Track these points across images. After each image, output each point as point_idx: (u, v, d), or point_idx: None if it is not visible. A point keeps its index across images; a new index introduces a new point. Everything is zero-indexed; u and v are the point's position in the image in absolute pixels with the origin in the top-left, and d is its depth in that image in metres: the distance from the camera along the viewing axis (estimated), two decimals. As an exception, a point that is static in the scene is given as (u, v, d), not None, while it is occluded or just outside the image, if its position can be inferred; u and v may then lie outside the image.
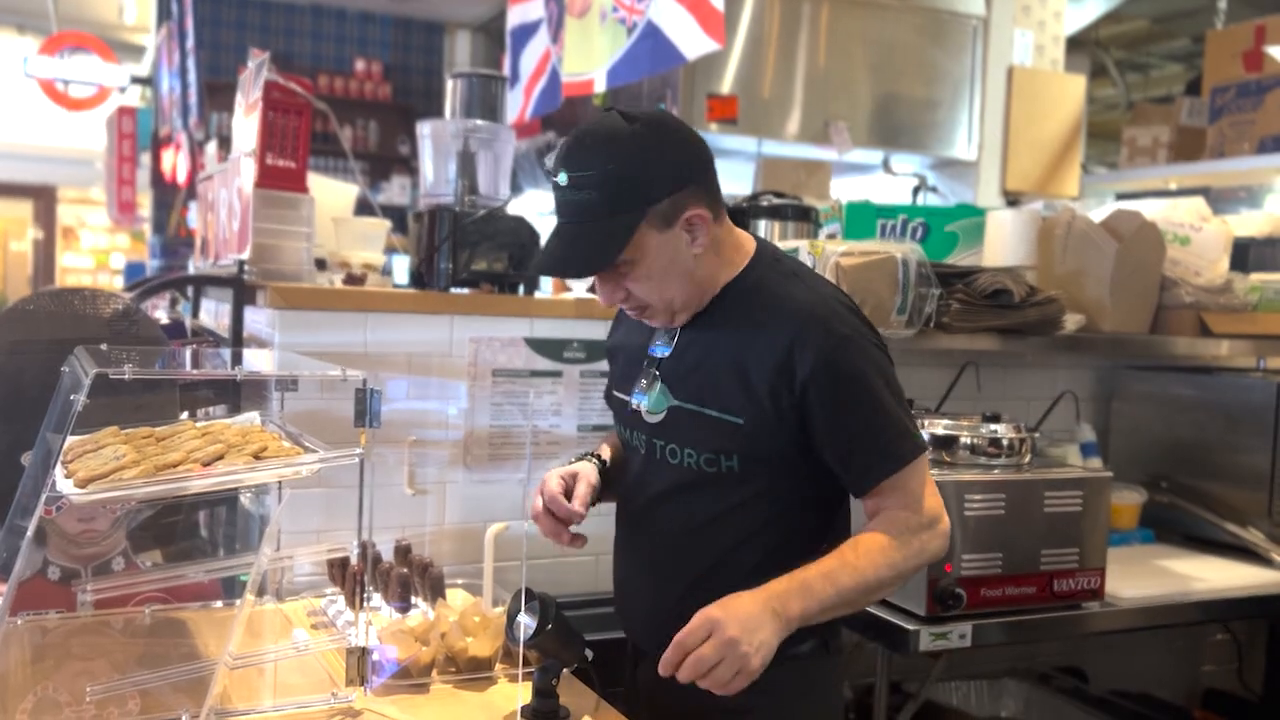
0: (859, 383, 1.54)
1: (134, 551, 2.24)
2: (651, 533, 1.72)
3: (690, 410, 1.62)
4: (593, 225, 1.51)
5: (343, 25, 7.45)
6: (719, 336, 1.61)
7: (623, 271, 1.55)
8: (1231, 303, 2.82)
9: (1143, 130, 5.23)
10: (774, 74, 4.94)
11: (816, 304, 1.58)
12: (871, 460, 1.56)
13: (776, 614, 1.43)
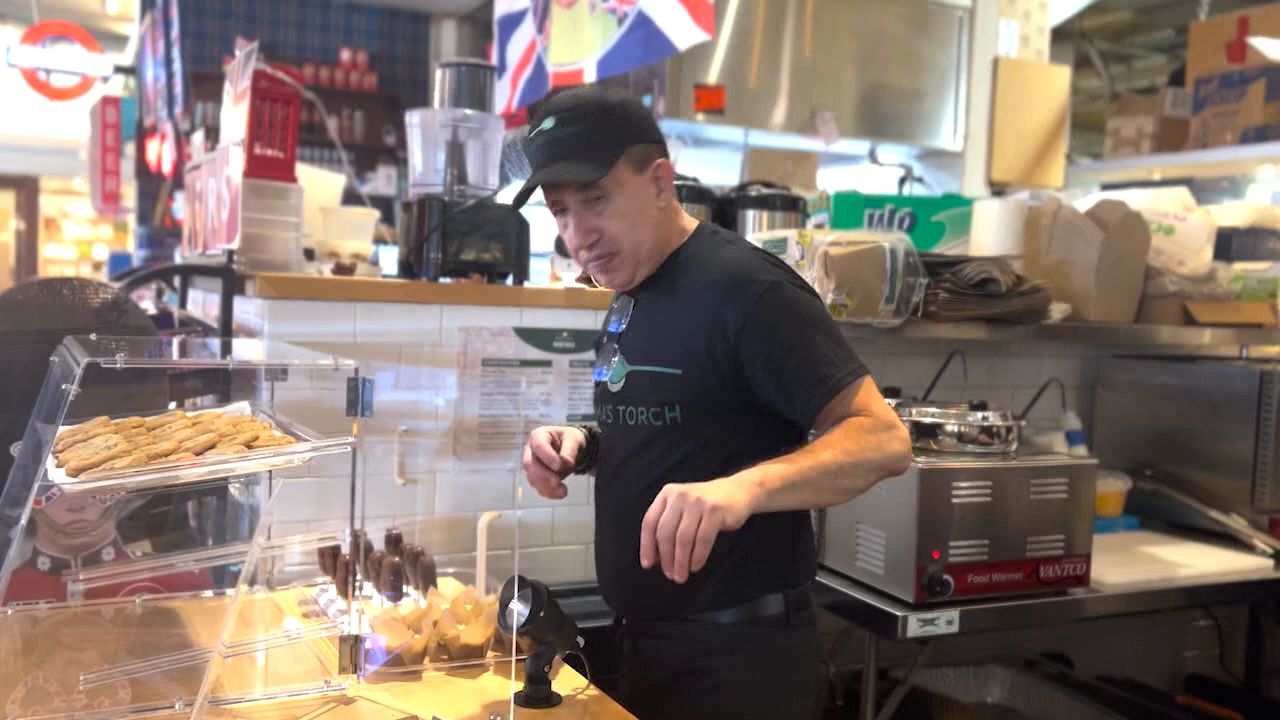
0: (787, 324, 1.64)
1: (124, 542, 2.24)
2: (617, 495, 1.80)
3: (639, 371, 1.74)
4: (580, 150, 1.65)
5: (328, 14, 7.41)
6: (664, 302, 1.74)
7: (599, 208, 1.67)
8: (1215, 292, 2.84)
9: (1127, 121, 5.26)
10: (760, 64, 4.95)
11: (741, 260, 1.70)
12: (812, 391, 1.63)
13: (737, 481, 1.50)
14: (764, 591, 1.74)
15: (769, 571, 1.75)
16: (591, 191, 1.67)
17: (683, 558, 1.45)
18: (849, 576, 2.32)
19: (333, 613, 1.98)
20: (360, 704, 1.64)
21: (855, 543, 2.29)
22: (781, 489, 1.52)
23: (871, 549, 2.24)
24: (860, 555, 2.28)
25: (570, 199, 1.69)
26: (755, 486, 1.50)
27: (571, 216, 1.70)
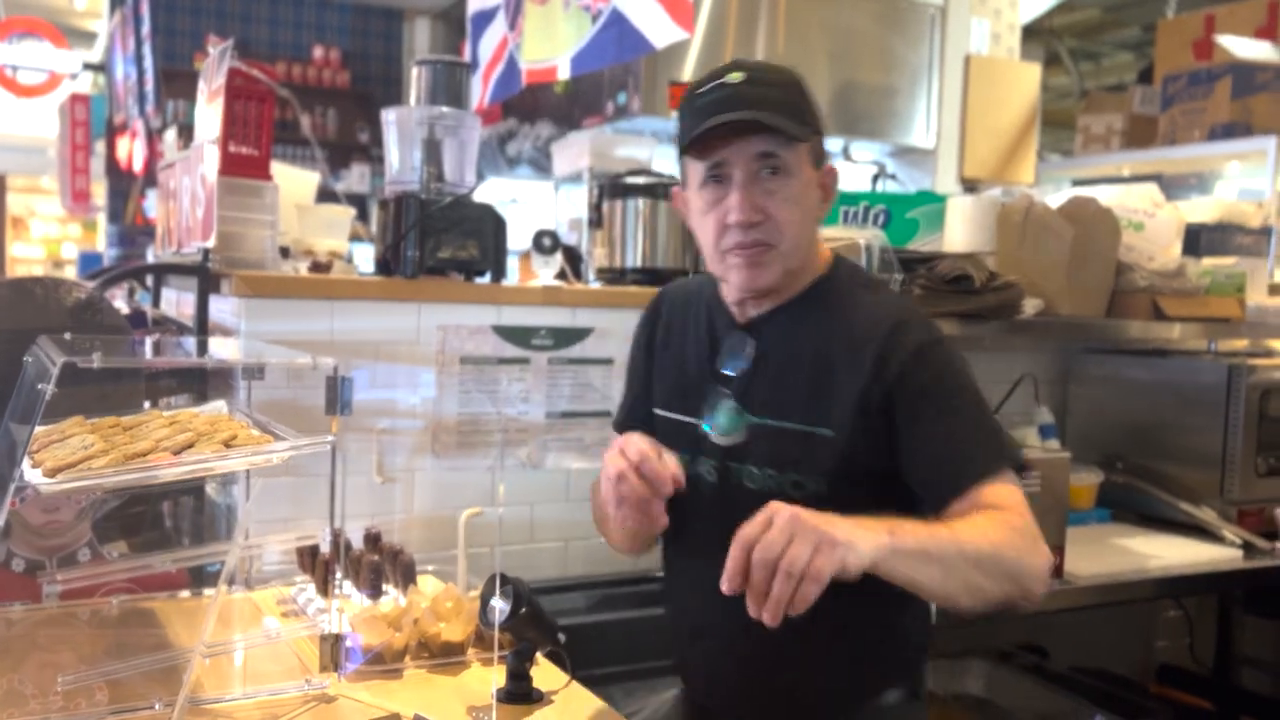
0: (945, 389, 1.45)
1: (99, 543, 2.22)
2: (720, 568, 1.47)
3: (771, 427, 1.49)
4: (778, 109, 1.44)
5: (300, 11, 7.37)
6: (801, 344, 1.51)
7: (773, 185, 1.46)
8: (1184, 286, 2.88)
9: (1096, 118, 5.32)
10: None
11: (900, 310, 1.51)
12: (961, 470, 1.42)
13: (862, 523, 1.24)
14: (888, 687, 1.60)
15: (897, 666, 1.61)
16: (773, 160, 1.45)
17: (782, 593, 1.16)
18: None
19: (312, 612, 1.98)
20: (341, 702, 1.64)
21: (833, 537, 2.31)
22: (913, 552, 1.27)
23: (849, 543, 2.26)
24: (838, 549, 2.30)
25: (741, 167, 1.46)
26: (886, 535, 1.25)
27: (737, 189, 1.45)
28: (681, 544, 1.61)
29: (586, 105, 5.18)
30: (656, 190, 2.74)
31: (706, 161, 1.47)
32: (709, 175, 1.48)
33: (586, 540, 2.63)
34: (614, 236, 2.80)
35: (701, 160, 1.48)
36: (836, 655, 1.52)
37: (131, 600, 2.06)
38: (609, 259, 2.83)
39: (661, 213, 2.74)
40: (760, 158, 1.45)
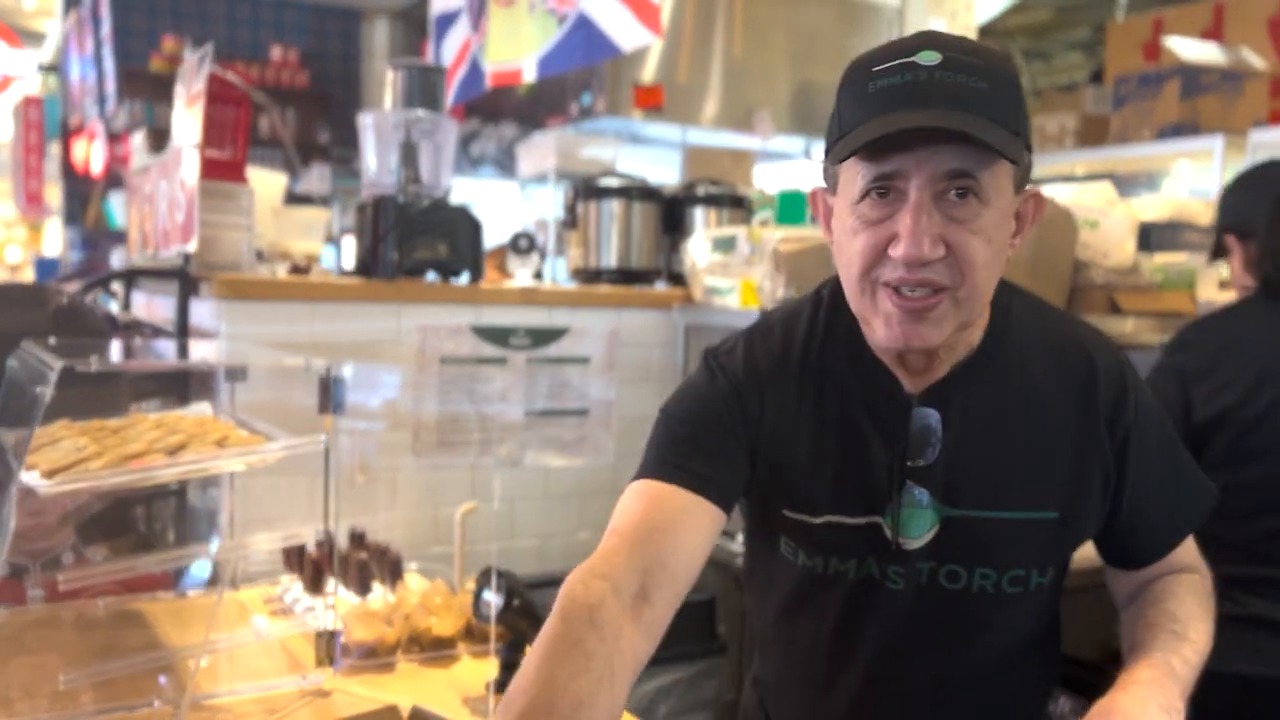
0: (1159, 437, 1.26)
1: (83, 546, 2.23)
2: (915, 689, 1.28)
3: (980, 519, 1.20)
4: (989, 110, 1.06)
5: (258, 11, 7.33)
6: (995, 411, 1.21)
7: (964, 214, 1.08)
8: (1139, 282, 2.98)
9: (1050, 118, 5.44)
10: (692, 63, 5.04)
11: (1096, 339, 1.27)
12: (1184, 514, 1.30)
13: (1165, 710, 1.09)
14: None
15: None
16: (967, 181, 1.07)
17: None
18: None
19: (300, 610, 2.01)
20: (338, 696, 1.68)
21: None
22: (1184, 695, 1.13)
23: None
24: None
25: (922, 185, 1.07)
26: (1177, 716, 1.09)
27: (912, 211, 1.07)
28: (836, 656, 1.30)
29: (550, 106, 5.22)
30: (630, 192, 2.80)
31: (873, 168, 1.09)
32: (874, 186, 1.10)
33: (565, 537, 2.68)
34: (589, 237, 2.85)
35: (866, 164, 1.10)
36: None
37: (118, 602, 2.08)
38: (584, 259, 2.88)
39: (635, 214, 2.79)
40: (951, 177, 1.07)
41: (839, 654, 1.29)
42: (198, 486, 2.45)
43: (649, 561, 1.09)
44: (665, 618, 1.09)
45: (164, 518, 2.55)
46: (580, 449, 2.66)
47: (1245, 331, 1.99)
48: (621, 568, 1.07)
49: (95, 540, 2.33)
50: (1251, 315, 2.01)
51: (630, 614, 1.05)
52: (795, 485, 1.24)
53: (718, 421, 1.23)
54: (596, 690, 0.97)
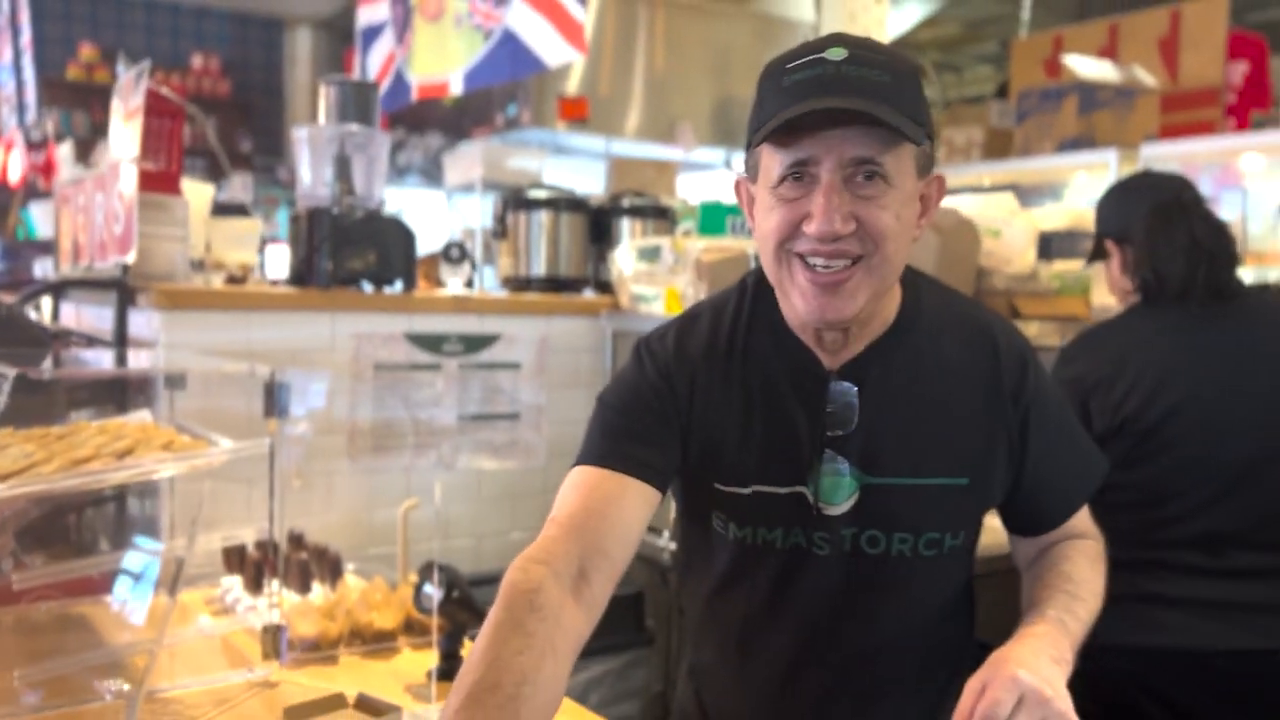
0: (1052, 396, 1.37)
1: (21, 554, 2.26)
2: (841, 650, 1.36)
3: (896, 486, 1.29)
4: (891, 99, 1.16)
5: (177, 19, 7.28)
6: (908, 385, 1.30)
7: (871, 191, 1.17)
8: (1038, 289, 3.17)
9: (958, 131, 5.67)
10: (615, 76, 5.16)
11: (998, 320, 1.37)
12: (1065, 499, 1.39)
13: (1055, 660, 1.16)
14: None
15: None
16: (872, 166, 1.17)
17: None
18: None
19: (241, 609, 2.07)
20: (285, 686, 1.75)
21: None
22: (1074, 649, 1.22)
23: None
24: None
25: (834, 165, 1.17)
26: (1068, 657, 1.18)
27: (825, 192, 1.17)
28: (764, 622, 1.38)
29: (476, 116, 5.30)
30: (558, 203, 2.90)
31: (789, 154, 1.18)
32: (789, 172, 1.19)
33: (499, 537, 2.77)
34: (519, 247, 2.95)
35: (782, 151, 1.19)
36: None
37: (60, 606, 2.12)
38: (514, 268, 2.98)
39: (564, 224, 2.90)
40: (858, 162, 1.17)
41: (771, 622, 1.37)
42: (135, 493, 2.49)
43: (586, 546, 1.18)
44: (604, 595, 1.18)
45: (102, 525, 2.59)
46: (512, 452, 2.76)
47: (1134, 341, 2.09)
48: (560, 554, 1.16)
49: (34, 548, 2.36)
50: (1136, 325, 2.12)
51: (570, 595, 1.14)
52: (725, 459, 1.32)
53: (648, 408, 1.32)
54: (539, 666, 1.05)
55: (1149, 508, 2.02)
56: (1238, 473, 1.99)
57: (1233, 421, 2.00)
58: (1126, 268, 2.19)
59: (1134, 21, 5.45)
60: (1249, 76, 5.03)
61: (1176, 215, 2.08)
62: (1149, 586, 2.01)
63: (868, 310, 1.24)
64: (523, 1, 3.43)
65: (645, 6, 5.24)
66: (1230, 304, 2.07)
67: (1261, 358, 2.05)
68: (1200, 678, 1.97)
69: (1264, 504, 2.01)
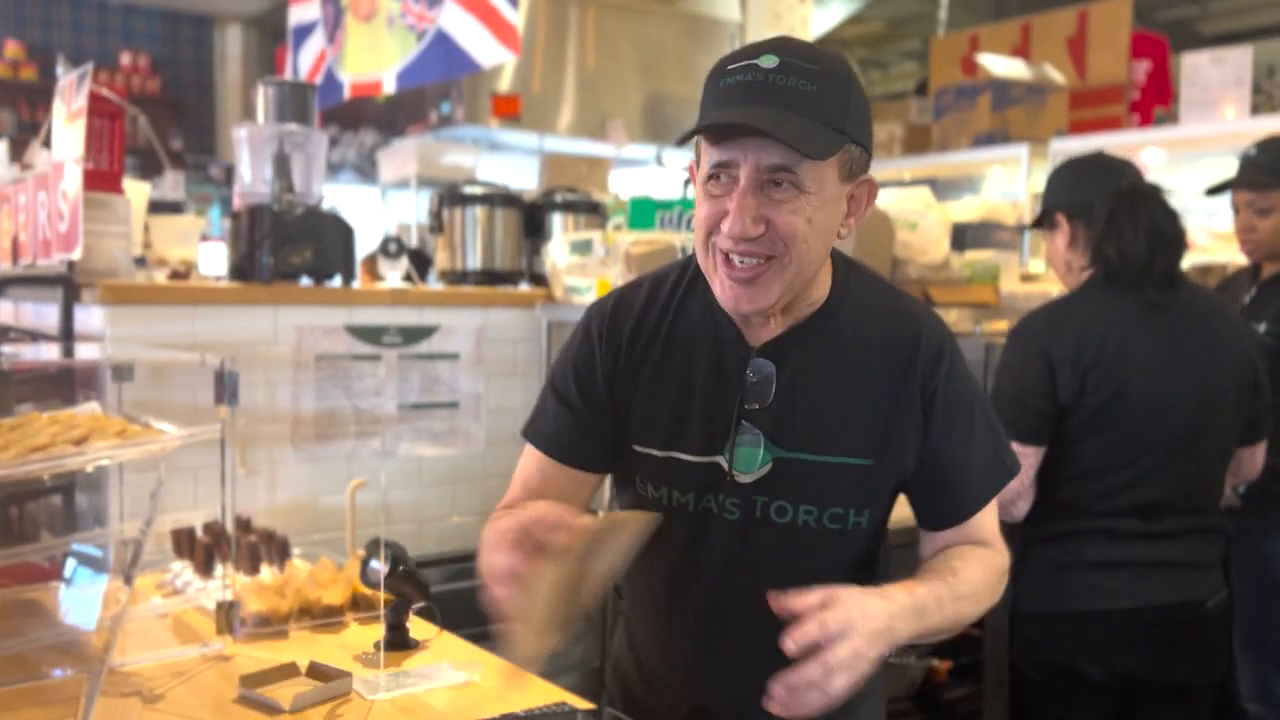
0: (968, 394, 1.41)
1: (-31, 544, 2.31)
2: (750, 610, 1.36)
3: (804, 461, 1.36)
4: (809, 113, 1.23)
5: (105, 17, 7.23)
6: (826, 367, 1.38)
7: (782, 196, 1.26)
8: (950, 277, 3.36)
9: (880, 127, 5.87)
10: (547, 73, 5.27)
11: (925, 313, 1.43)
12: (975, 487, 1.41)
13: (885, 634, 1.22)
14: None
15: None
16: (787, 175, 1.25)
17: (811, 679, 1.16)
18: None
19: (192, 592, 2.16)
20: (239, 659, 1.84)
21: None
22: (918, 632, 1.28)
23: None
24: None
25: (750, 172, 1.25)
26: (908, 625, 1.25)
27: (739, 195, 1.25)
28: (680, 579, 1.47)
29: (410, 113, 5.37)
30: (493, 199, 3.01)
31: (715, 154, 1.27)
32: (713, 171, 1.28)
33: (440, 521, 2.88)
34: (455, 241, 3.06)
35: (711, 149, 1.28)
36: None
37: (11, 593, 2.18)
38: (450, 262, 3.08)
39: (498, 219, 3.01)
40: (773, 170, 1.25)
41: (686, 581, 1.46)
42: (82, 486, 2.55)
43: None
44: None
45: (44, 518, 2.64)
46: (451, 439, 2.87)
47: (1097, 319, 2.15)
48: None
49: (-19, 538, 2.41)
50: (1098, 302, 2.17)
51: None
52: (649, 423, 1.42)
53: (581, 385, 1.45)
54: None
55: (1093, 479, 2.13)
56: (1173, 447, 2.11)
57: (1172, 400, 2.11)
58: (1076, 243, 2.27)
59: (1045, 21, 5.69)
60: (1151, 74, 5.29)
61: (1140, 201, 2.15)
62: (1089, 554, 2.14)
63: (785, 299, 1.32)
64: (455, 3, 3.52)
65: (576, 6, 5.34)
66: (1178, 291, 2.17)
67: (1200, 342, 2.16)
68: (1135, 635, 2.11)
69: (1195, 474, 2.16)
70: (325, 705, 1.65)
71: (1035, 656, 2.19)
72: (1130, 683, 2.14)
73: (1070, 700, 2.16)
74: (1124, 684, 2.14)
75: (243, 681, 1.69)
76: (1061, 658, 2.15)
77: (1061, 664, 2.15)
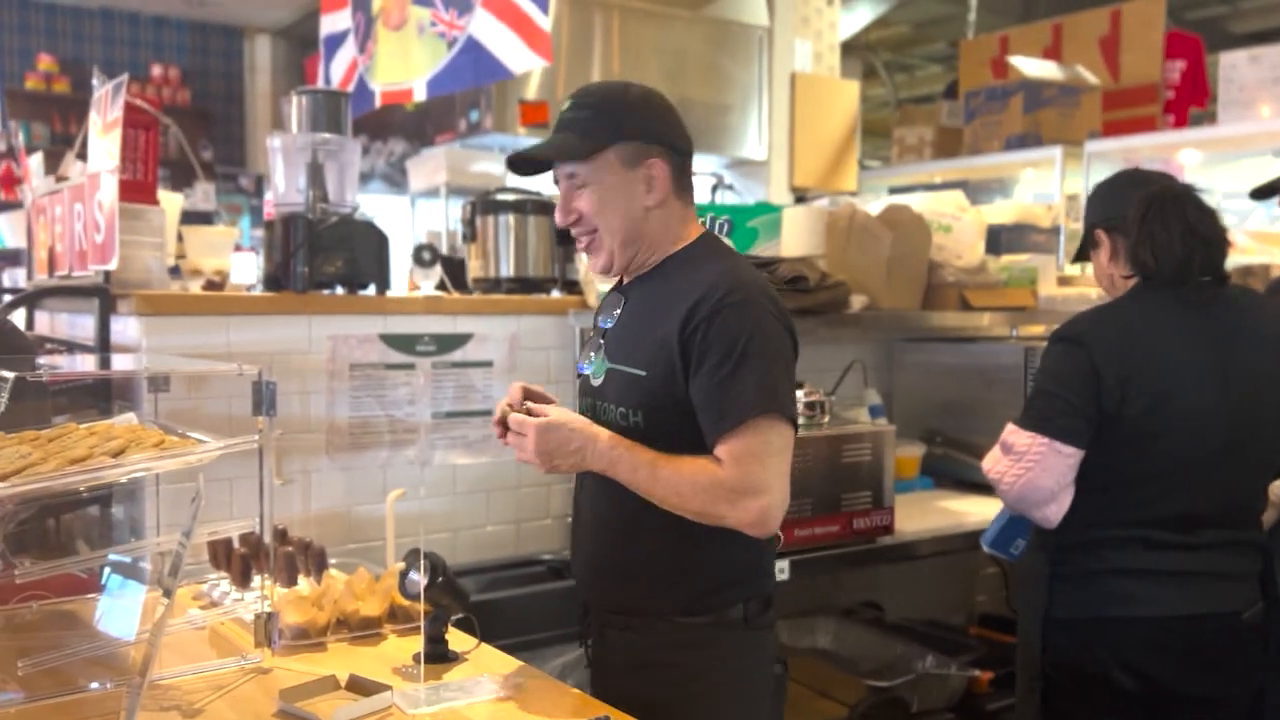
0: (729, 344, 1.68)
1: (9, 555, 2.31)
2: (591, 488, 1.87)
3: (615, 370, 1.81)
4: (575, 132, 1.78)
5: (136, 29, 7.28)
6: (649, 304, 1.81)
7: (578, 190, 1.79)
8: (987, 280, 3.31)
9: (910, 130, 5.83)
10: (570, 81, 5.25)
11: (728, 274, 1.75)
12: (717, 420, 1.69)
13: (597, 454, 1.73)
14: (732, 603, 1.82)
15: (738, 583, 1.83)
16: (575, 179, 1.78)
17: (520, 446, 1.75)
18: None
19: (229, 603, 2.15)
20: (277, 672, 1.83)
21: (697, 510, 2.61)
22: (625, 479, 1.72)
23: (712, 514, 2.56)
24: (702, 520, 2.60)
25: (562, 179, 1.81)
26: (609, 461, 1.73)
27: (560, 195, 1.83)
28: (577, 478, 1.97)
29: (438, 122, 5.37)
30: (525, 206, 3.00)
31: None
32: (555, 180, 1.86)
33: (474, 530, 2.86)
34: (488, 249, 3.04)
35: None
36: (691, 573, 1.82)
37: (51, 605, 2.18)
38: (484, 270, 3.07)
39: (530, 226, 2.99)
40: (567, 176, 1.81)
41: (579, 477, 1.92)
42: (119, 497, 2.55)
43: None
44: None
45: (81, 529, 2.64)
46: (485, 448, 2.85)
47: (1137, 322, 2.13)
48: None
49: (18, 552, 2.41)
50: (1136, 306, 2.16)
51: None
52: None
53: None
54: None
55: (1129, 487, 2.10)
56: (1212, 457, 2.07)
57: (1212, 410, 2.07)
58: (1117, 255, 2.25)
59: (1076, 21, 5.63)
60: (1186, 74, 5.22)
61: (1170, 201, 2.13)
62: (1123, 562, 2.11)
63: (624, 257, 1.82)
64: (486, 10, 3.51)
65: (600, 12, 5.33)
66: (1221, 289, 2.14)
67: (1244, 348, 2.12)
68: (1167, 643, 2.09)
69: (1235, 485, 2.12)
70: (365, 719, 1.63)
71: (1067, 662, 2.16)
72: (1162, 692, 2.10)
73: (1101, 707, 2.14)
74: (1155, 693, 2.10)
75: (282, 695, 1.68)
76: (1093, 665, 2.12)
77: (1093, 671, 2.12)
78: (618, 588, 1.87)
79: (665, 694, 1.79)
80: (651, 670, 1.82)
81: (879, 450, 2.63)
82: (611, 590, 1.89)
